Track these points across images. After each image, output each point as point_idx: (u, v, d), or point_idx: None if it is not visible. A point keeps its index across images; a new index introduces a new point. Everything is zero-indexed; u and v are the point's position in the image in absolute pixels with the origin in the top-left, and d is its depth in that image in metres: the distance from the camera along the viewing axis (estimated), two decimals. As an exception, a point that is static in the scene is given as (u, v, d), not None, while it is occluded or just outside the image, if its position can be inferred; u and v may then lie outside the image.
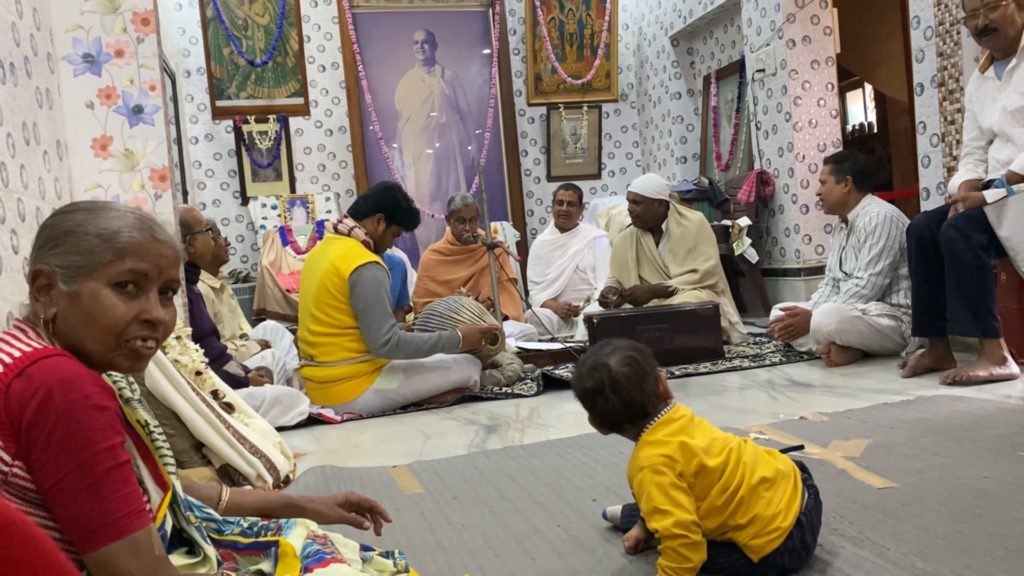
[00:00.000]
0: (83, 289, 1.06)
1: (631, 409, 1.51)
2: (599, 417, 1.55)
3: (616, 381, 1.50)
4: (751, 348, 4.21)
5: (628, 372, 1.50)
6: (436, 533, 1.87)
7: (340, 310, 3.34)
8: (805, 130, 5.26)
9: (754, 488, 1.45)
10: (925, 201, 3.91)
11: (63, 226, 1.09)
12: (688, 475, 1.46)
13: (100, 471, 0.98)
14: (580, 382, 1.55)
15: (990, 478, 1.90)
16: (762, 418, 2.74)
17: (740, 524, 1.44)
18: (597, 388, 1.51)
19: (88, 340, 1.07)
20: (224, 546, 1.22)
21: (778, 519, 1.44)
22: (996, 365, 2.96)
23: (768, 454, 1.54)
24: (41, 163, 2.63)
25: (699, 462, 1.46)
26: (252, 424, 2.54)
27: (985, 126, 3.17)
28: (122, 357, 1.09)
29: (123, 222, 1.10)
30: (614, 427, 1.56)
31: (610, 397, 1.50)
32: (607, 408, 1.51)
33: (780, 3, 5.22)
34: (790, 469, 1.53)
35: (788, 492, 1.48)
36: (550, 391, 3.61)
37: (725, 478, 1.45)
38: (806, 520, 1.47)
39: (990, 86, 3.14)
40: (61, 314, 1.07)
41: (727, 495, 1.45)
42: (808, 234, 5.27)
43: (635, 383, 1.50)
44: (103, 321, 1.07)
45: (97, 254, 1.07)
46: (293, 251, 5.97)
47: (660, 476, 1.44)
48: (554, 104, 7.23)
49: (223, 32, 6.40)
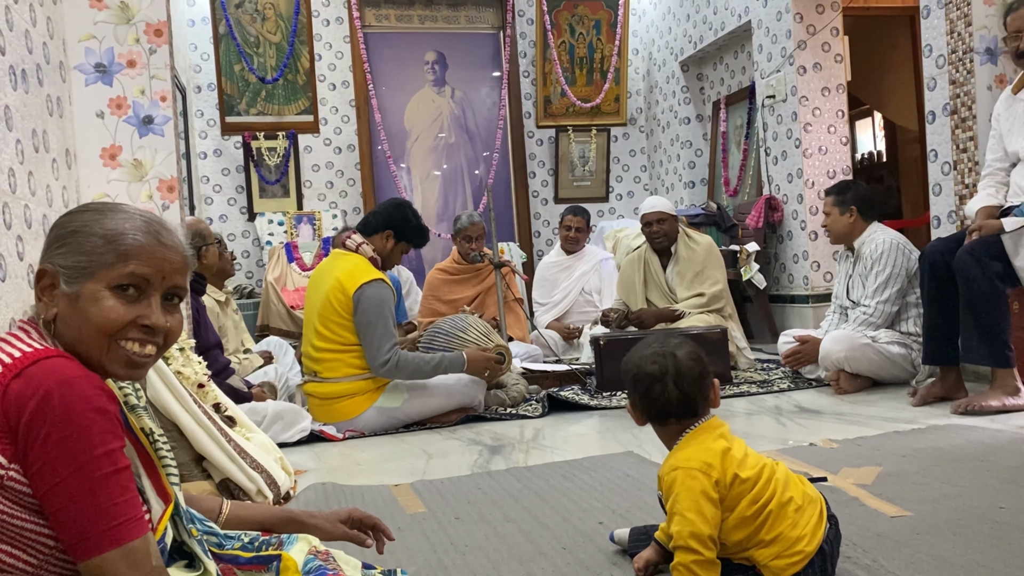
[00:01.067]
0: (83, 290, 1.04)
1: (685, 403, 1.48)
2: (649, 404, 1.51)
3: (680, 371, 1.47)
4: (759, 374, 4.17)
5: (692, 366, 1.49)
6: (439, 553, 1.83)
7: (344, 327, 3.31)
8: (815, 157, 5.25)
9: (783, 506, 1.43)
10: (936, 229, 3.88)
11: (70, 226, 1.07)
12: (724, 484, 1.42)
13: (98, 476, 0.95)
14: (641, 364, 1.51)
15: (1006, 508, 1.86)
16: (771, 444, 2.70)
17: (764, 540, 1.41)
18: (659, 374, 1.48)
19: (82, 342, 1.05)
20: (225, 560, 1.18)
21: (802, 542, 1.41)
22: (1009, 395, 2.91)
23: (799, 479, 1.52)
24: (49, 171, 2.62)
25: (735, 472, 1.43)
26: (253, 439, 2.51)
27: (1012, 149, 3.14)
28: (116, 363, 1.06)
29: (130, 224, 1.07)
30: (658, 419, 1.52)
31: (669, 385, 1.47)
32: (662, 396, 1.48)
33: (791, 30, 5.23)
34: (818, 497, 1.50)
35: (815, 518, 1.45)
36: (555, 412, 3.57)
37: (757, 490, 1.43)
38: (828, 549, 1.44)
39: (1021, 109, 3.11)
40: (61, 315, 1.05)
41: (756, 507, 1.42)
42: (816, 261, 5.24)
43: (696, 379, 1.48)
44: (96, 322, 1.04)
45: (100, 255, 1.05)
46: (298, 267, 5.96)
47: (693, 480, 1.41)
48: (563, 127, 7.24)
49: (235, 49, 6.43)
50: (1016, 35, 3.03)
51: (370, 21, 6.87)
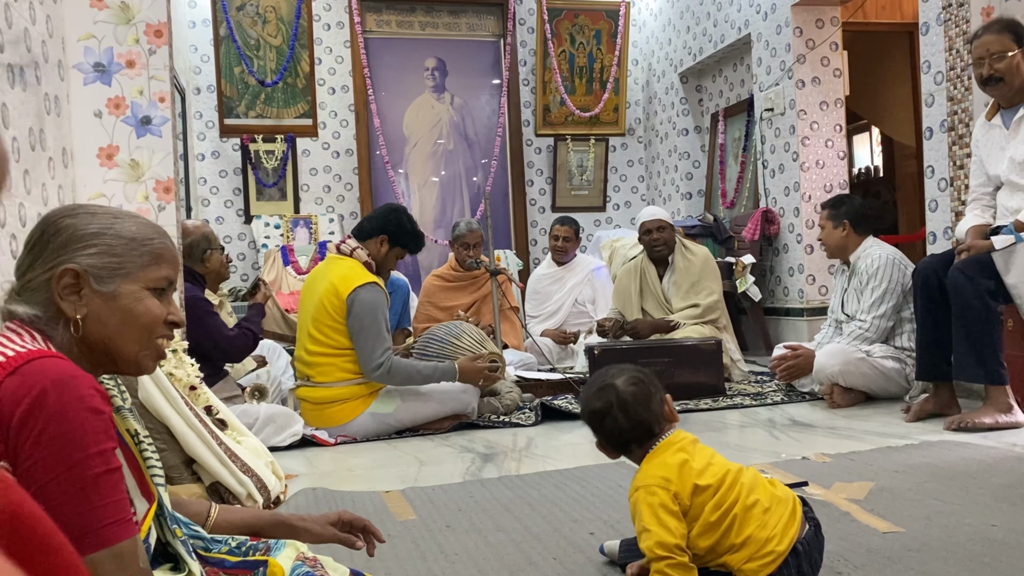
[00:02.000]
0: (123, 290, 1.09)
1: (638, 429, 1.52)
2: (607, 438, 1.56)
3: (623, 400, 1.52)
4: (752, 386, 4.16)
5: (634, 391, 1.53)
6: (428, 562, 1.82)
7: (337, 330, 3.30)
8: (812, 170, 5.26)
9: (748, 509, 1.45)
10: (932, 245, 3.89)
11: (88, 228, 1.10)
12: (683, 496, 1.45)
13: (90, 475, 0.94)
14: (588, 404, 1.57)
15: (999, 527, 1.85)
16: (763, 457, 2.69)
17: (734, 544, 1.43)
18: (605, 408, 1.53)
19: (123, 339, 1.10)
20: (211, 564, 1.17)
21: (772, 542, 1.42)
22: (1002, 413, 2.91)
23: (769, 483, 1.53)
24: (46, 169, 2.61)
25: (694, 481, 1.46)
26: (244, 442, 2.50)
27: (992, 174, 3.15)
28: (149, 358, 1.13)
29: (147, 229, 1.14)
30: (622, 448, 1.57)
31: (617, 416, 1.52)
32: (615, 428, 1.53)
33: (791, 43, 5.25)
34: (789, 497, 1.52)
35: (784, 518, 1.46)
36: (548, 421, 3.56)
37: (719, 496, 1.45)
38: (803, 549, 1.44)
39: (997, 134, 3.13)
40: (93, 314, 1.08)
41: (720, 512, 1.44)
42: (812, 274, 5.25)
43: (641, 402, 1.52)
44: (144, 320, 1.10)
45: (134, 258, 1.11)
46: (294, 271, 5.94)
47: (652, 496, 1.44)
48: (562, 136, 7.25)
49: (235, 51, 6.43)
50: (980, 61, 3.04)
51: (371, 26, 6.88)
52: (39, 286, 1.07)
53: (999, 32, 3.00)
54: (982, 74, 3.04)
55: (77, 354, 1.07)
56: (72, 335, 1.07)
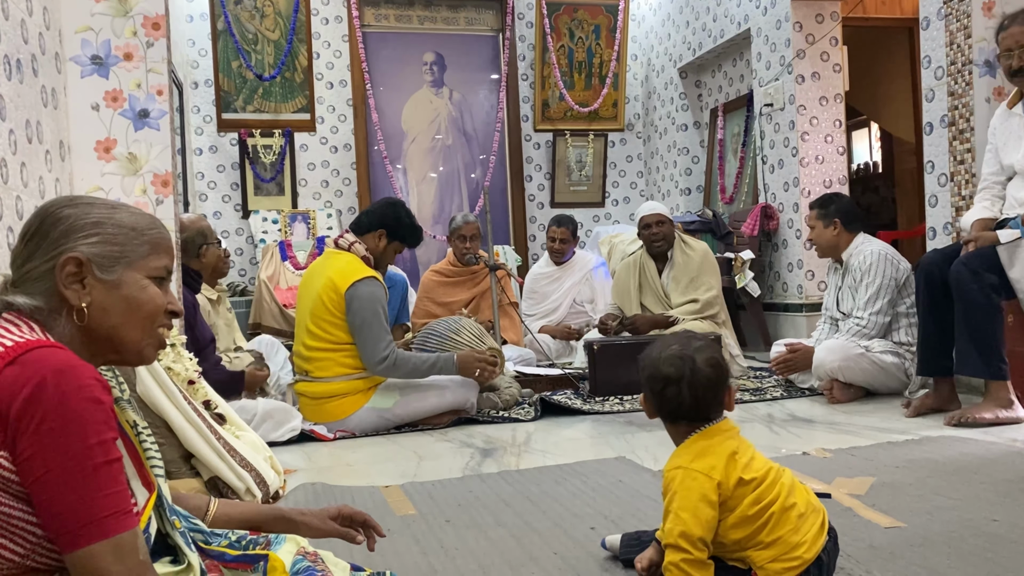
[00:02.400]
0: (126, 278, 1.09)
1: (697, 408, 1.47)
2: (662, 404, 1.49)
3: (696, 377, 1.45)
4: (752, 382, 4.16)
5: (710, 373, 1.46)
6: (429, 557, 1.82)
7: (336, 325, 3.29)
8: (811, 166, 5.25)
9: (786, 510, 1.42)
10: (931, 240, 3.88)
11: (88, 217, 1.09)
12: (727, 486, 1.41)
13: (89, 466, 0.93)
14: (657, 366, 1.49)
15: (1000, 521, 1.85)
16: (763, 452, 2.64)
17: (763, 542, 1.40)
18: (675, 377, 1.46)
19: (128, 327, 1.10)
20: (211, 557, 1.16)
21: (802, 548, 1.40)
22: (1002, 408, 2.91)
23: (805, 489, 1.51)
24: (43, 162, 2.60)
25: (739, 475, 1.42)
26: (243, 437, 2.49)
27: (1007, 163, 3.14)
28: (151, 346, 1.13)
29: (145, 219, 1.15)
30: (669, 418, 1.51)
31: (684, 390, 1.45)
32: (675, 399, 1.46)
33: (790, 39, 5.23)
34: (821, 508, 1.49)
35: (816, 527, 1.44)
36: (548, 417, 3.55)
37: (761, 490, 1.42)
38: (826, 560, 1.43)
39: (1016, 123, 3.12)
40: (97, 302, 1.07)
41: (759, 507, 1.41)
42: (811, 270, 5.24)
43: (712, 386, 1.47)
44: (148, 308, 1.11)
45: (136, 247, 1.11)
46: (292, 266, 5.92)
47: (694, 481, 1.40)
48: (560, 131, 7.24)
49: (233, 45, 6.41)
50: (1008, 53, 3.03)
51: (369, 20, 6.85)
52: (40, 276, 1.06)
53: None
54: (1011, 65, 3.03)
55: (78, 344, 1.06)
56: (75, 324, 1.07)
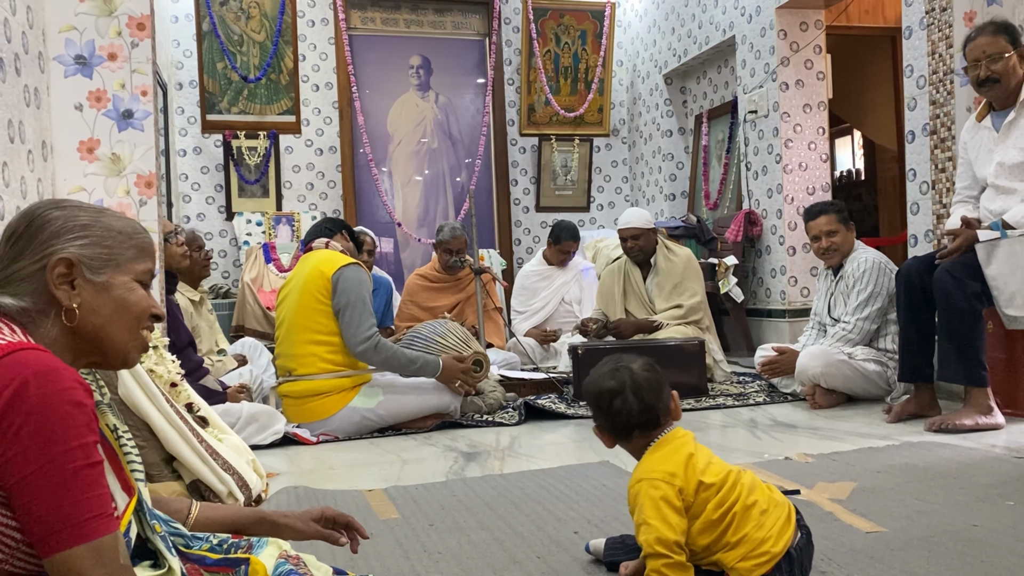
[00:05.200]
0: (114, 280, 1.10)
1: (646, 414, 1.51)
2: (613, 420, 1.53)
3: (637, 383, 1.51)
4: (735, 387, 4.18)
5: (648, 377, 1.52)
6: (412, 560, 1.81)
7: (323, 312, 3.31)
8: (795, 172, 5.28)
9: (748, 508, 1.44)
10: (913, 248, 3.92)
11: (77, 220, 1.10)
12: (688, 492, 1.44)
13: (70, 469, 0.92)
14: (599, 383, 1.54)
15: (980, 526, 1.86)
16: (746, 457, 2.70)
17: (730, 542, 1.42)
18: (617, 388, 1.51)
19: (115, 329, 1.10)
20: (192, 561, 1.15)
21: (768, 543, 1.42)
22: (982, 414, 2.94)
23: (766, 486, 1.53)
24: (25, 162, 2.58)
25: (699, 479, 1.45)
26: (226, 440, 2.47)
27: (980, 175, 3.16)
28: (136, 349, 1.14)
29: (131, 224, 1.16)
30: (624, 433, 1.54)
31: (629, 398, 1.50)
32: (624, 409, 1.50)
33: (775, 46, 5.27)
34: (785, 502, 1.51)
35: (781, 521, 1.46)
36: (532, 421, 3.56)
37: (722, 494, 1.45)
38: (796, 555, 1.44)
39: (986, 136, 3.14)
40: (87, 304, 1.08)
41: (722, 510, 1.43)
42: (794, 276, 5.27)
43: (654, 389, 1.52)
44: (135, 311, 1.12)
45: (123, 250, 1.12)
46: (276, 268, 5.90)
47: (655, 490, 1.43)
48: (546, 135, 7.25)
49: (218, 46, 6.38)
50: (975, 64, 3.05)
51: (355, 23, 6.84)
52: (28, 276, 1.06)
53: (994, 34, 3.00)
54: (978, 76, 3.04)
55: (62, 347, 1.06)
56: (62, 325, 1.06)
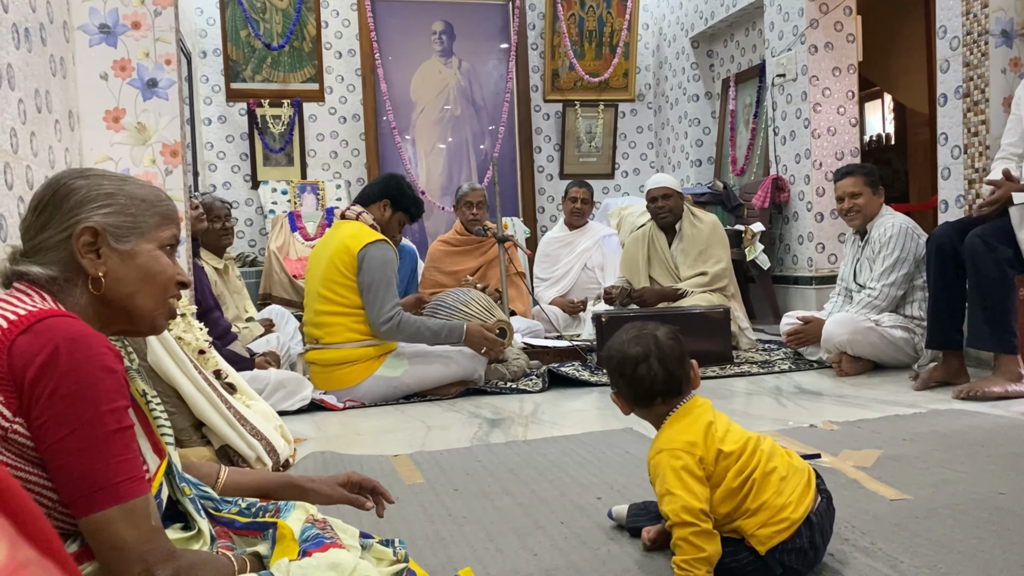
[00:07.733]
0: (139, 248, 1.11)
1: (670, 381, 1.50)
2: (636, 386, 1.52)
3: (662, 349, 1.50)
4: (760, 354, 4.16)
5: (672, 345, 1.52)
6: (436, 525, 1.84)
7: (348, 287, 3.32)
8: (824, 137, 5.20)
9: (767, 475, 1.44)
10: (943, 213, 3.85)
11: (100, 189, 1.10)
12: (708, 460, 1.44)
13: (102, 432, 0.95)
14: (624, 348, 1.53)
15: (1007, 495, 1.85)
16: (771, 424, 2.69)
17: (750, 509, 1.42)
18: (642, 355, 1.50)
19: (142, 297, 1.11)
20: (221, 523, 1.18)
21: (787, 510, 1.42)
22: (1012, 382, 2.90)
23: (785, 452, 1.52)
24: (52, 132, 2.60)
25: (718, 447, 1.45)
26: (254, 406, 2.51)
27: None
28: (162, 315, 1.15)
29: (154, 191, 1.16)
30: (645, 401, 1.53)
31: (654, 364, 1.49)
32: (647, 375, 1.49)
33: (803, 8, 5.17)
34: (804, 468, 1.51)
35: (800, 487, 1.46)
36: (555, 388, 3.57)
37: (742, 461, 1.44)
38: (816, 521, 1.44)
39: None
40: (113, 272, 1.09)
41: (742, 478, 1.43)
42: (822, 242, 5.21)
43: (678, 357, 1.51)
44: (162, 278, 1.12)
45: (147, 217, 1.12)
46: (301, 237, 5.93)
47: (676, 460, 1.43)
48: (570, 101, 7.18)
49: (241, 14, 6.37)
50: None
51: (378, -11, 6.79)
52: (55, 245, 1.07)
53: None
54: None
55: (91, 314, 1.08)
56: (90, 294, 1.08)
